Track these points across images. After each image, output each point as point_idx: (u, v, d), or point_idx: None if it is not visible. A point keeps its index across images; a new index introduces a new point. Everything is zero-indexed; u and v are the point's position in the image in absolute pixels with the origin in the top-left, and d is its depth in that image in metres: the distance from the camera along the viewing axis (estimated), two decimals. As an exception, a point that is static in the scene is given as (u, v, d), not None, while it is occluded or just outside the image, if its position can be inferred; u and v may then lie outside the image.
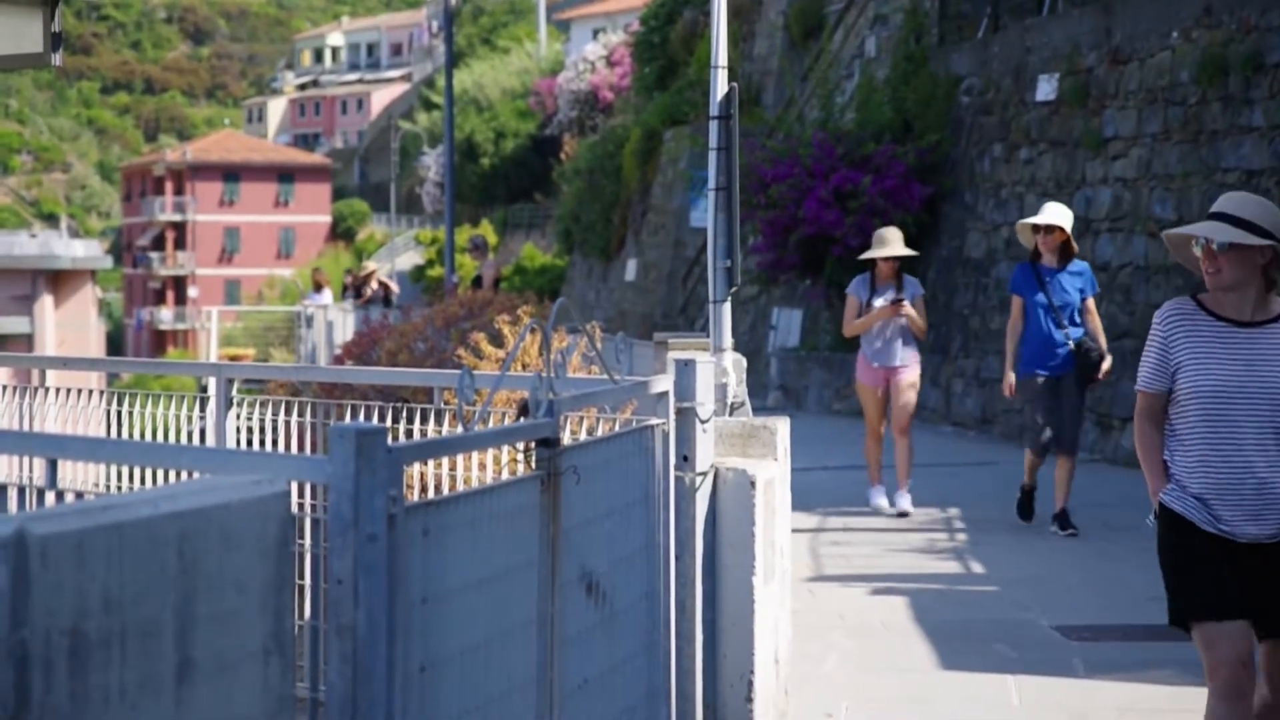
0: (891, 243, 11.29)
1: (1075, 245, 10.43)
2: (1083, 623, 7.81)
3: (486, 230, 48.69)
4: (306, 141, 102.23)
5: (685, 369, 4.89)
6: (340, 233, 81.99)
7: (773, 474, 5.44)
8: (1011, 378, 10.37)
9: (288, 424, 6.03)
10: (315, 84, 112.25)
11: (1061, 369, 10.24)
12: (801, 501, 9.26)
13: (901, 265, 11.39)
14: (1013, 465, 14.35)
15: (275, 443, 5.98)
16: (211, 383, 6.15)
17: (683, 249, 28.95)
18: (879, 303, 11.20)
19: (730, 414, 6.00)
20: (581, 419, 5.05)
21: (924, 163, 18.99)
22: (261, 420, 6.09)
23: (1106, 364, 10.27)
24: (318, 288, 26.27)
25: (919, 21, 21.01)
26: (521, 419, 3.87)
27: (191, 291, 79.76)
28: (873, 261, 11.37)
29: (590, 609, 3.95)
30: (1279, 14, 13.34)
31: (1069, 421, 10.30)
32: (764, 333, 23.49)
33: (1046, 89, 16.82)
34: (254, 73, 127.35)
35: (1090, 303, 10.39)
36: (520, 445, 3.81)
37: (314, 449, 5.97)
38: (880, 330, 11.25)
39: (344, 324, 23.42)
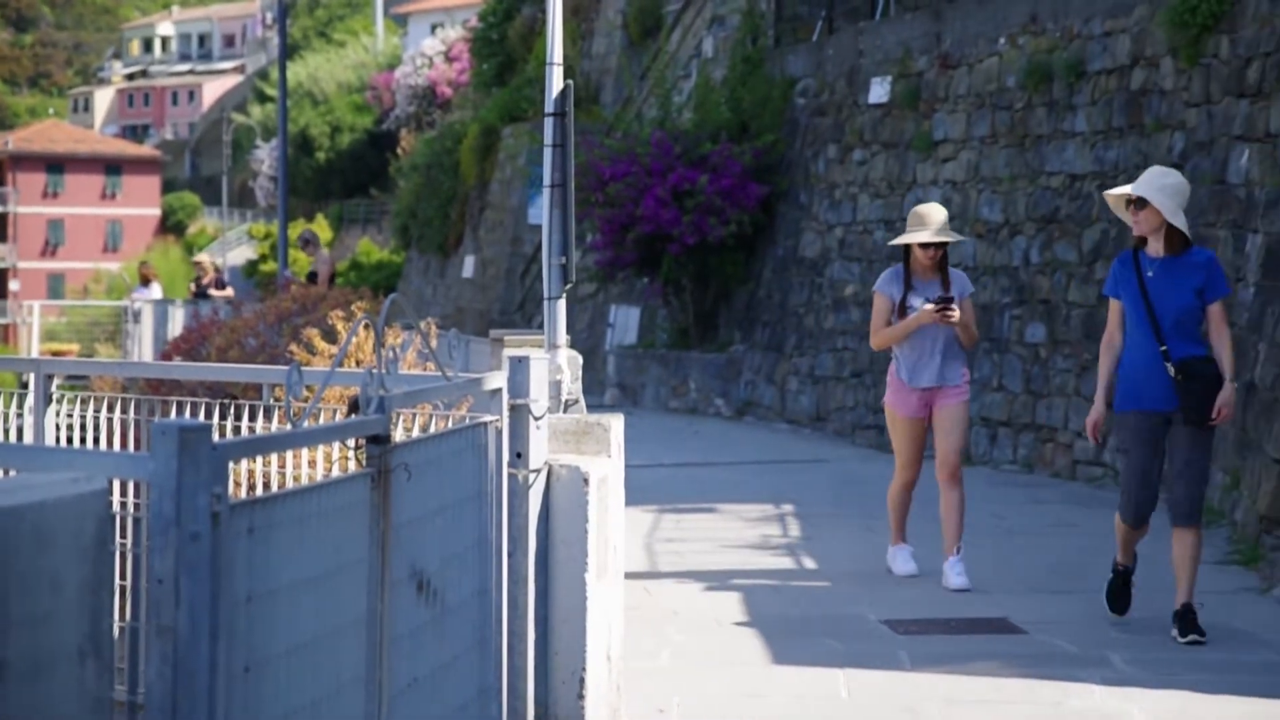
0: (933, 224, 8.71)
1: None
2: (910, 616, 7.93)
3: (321, 226, 48.07)
4: (135, 133, 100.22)
5: (519, 366, 4.87)
6: (170, 226, 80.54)
7: (606, 471, 5.44)
8: (1096, 413, 7.53)
9: (110, 421, 5.90)
10: (144, 74, 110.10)
11: (1164, 403, 7.29)
12: (637, 498, 9.29)
13: (945, 254, 8.83)
14: (844, 462, 14.57)
15: (97, 441, 5.85)
16: (31, 378, 5.99)
17: (521, 246, 28.89)
18: (918, 304, 8.69)
19: (564, 411, 6.00)
20: (415, 416, 5.01)
21: (760, 163, 19.18)
22: (83, 418, 5.95)
23: (1226, 393, 7.23)
24: (145, 282, 25.77)
25: (755, 23, 21.22)
26: (352, 415, 3.82)
27: (12, 285, 77.65)
28: (907, 249, 8.80)
29: (421, 607, 3.92)
30: (1100, 22, 13.68)
31: (1182, 478, 7.33)
32: (602, 330, 23.53)
33: (879, 92, 17.08)
34: (80, 61, 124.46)
35: (1216, 309, 7.36)
36: (350, 442, 3.77)
37: (138, 447, 5.85)
38: (920, 340, 8.71)
39: (173, 319, 23.00)
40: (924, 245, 8.67)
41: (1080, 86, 13.80)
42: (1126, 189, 7.46)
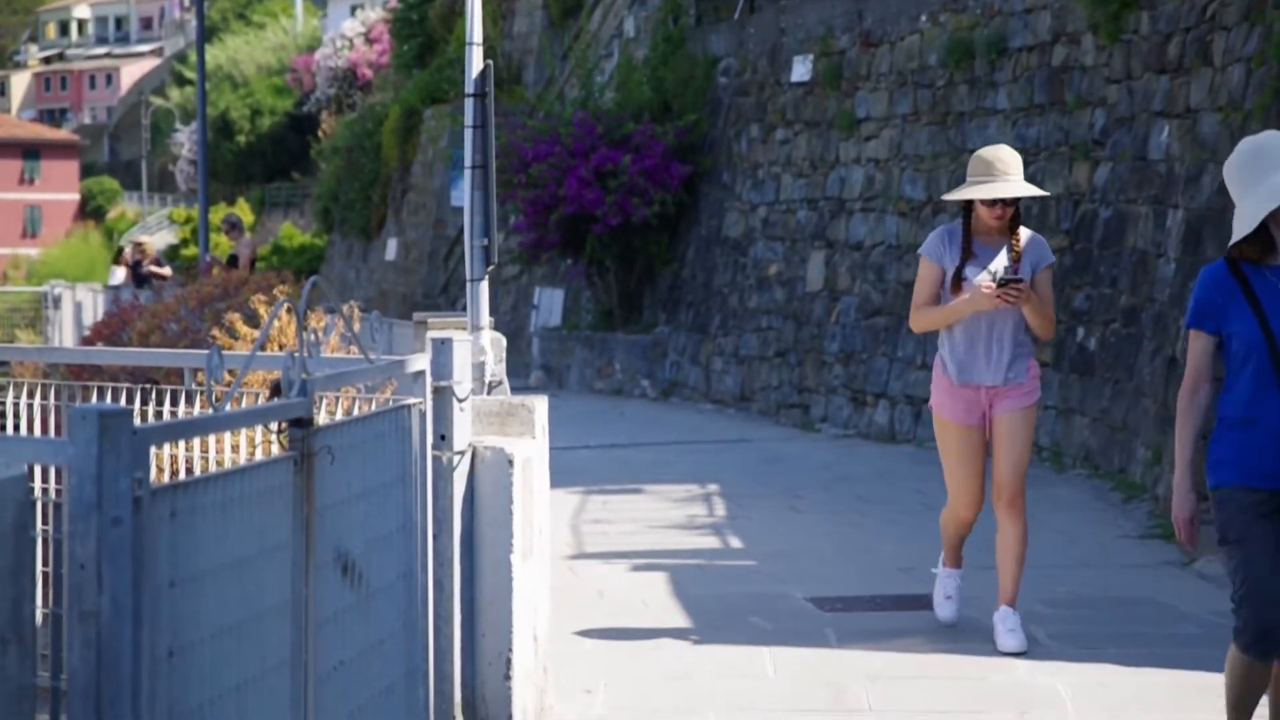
0: (1004, 174, 6.53)
1: None
2: (835, 594, 7.98)
3: (242, 209, 47.71)
4: (53, 117, 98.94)
5: (442, 348, 4.86)
6: (90, 211, 79.61)
7: (531, 452, 5.44)
8: (1188, 507, 5.02)
9: (30, 407, 5.84)
10: (61, 58, 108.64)
11: None
12: (563, 480, 9.29)
13: (1019, 213, 6.66)
14: (768, 441, 14.63)
15: (18, 427, 5.79)
16: (-52, 365, 5.92)
17: (444, 228, 28.79)
18: (976, 277, 6.58)
19: (488, 393, 5.99)
20: (338, 399, 4.99)
21: (683, 142, 19.20)
22: (3, 404, 5.89)
23: None
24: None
25: (677, 2, 21.22)
26: (274, 399, 3.80)
27: (-69, 272, 76.55)
28: (968, 206, 6.66)
29: (346, 590, 3.91)
30: None
31: None
32: (526, 312, 23.50)
33: (801, 70, 17.13)
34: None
35: None
36: (273, 426, 3.75)
37: (60, 433, 5.80)
38: (974, 325, 6.62)
39: (94, 305, 22.78)
40: (989, 202, 6.51)
41: (1001, 64, 13.90)
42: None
